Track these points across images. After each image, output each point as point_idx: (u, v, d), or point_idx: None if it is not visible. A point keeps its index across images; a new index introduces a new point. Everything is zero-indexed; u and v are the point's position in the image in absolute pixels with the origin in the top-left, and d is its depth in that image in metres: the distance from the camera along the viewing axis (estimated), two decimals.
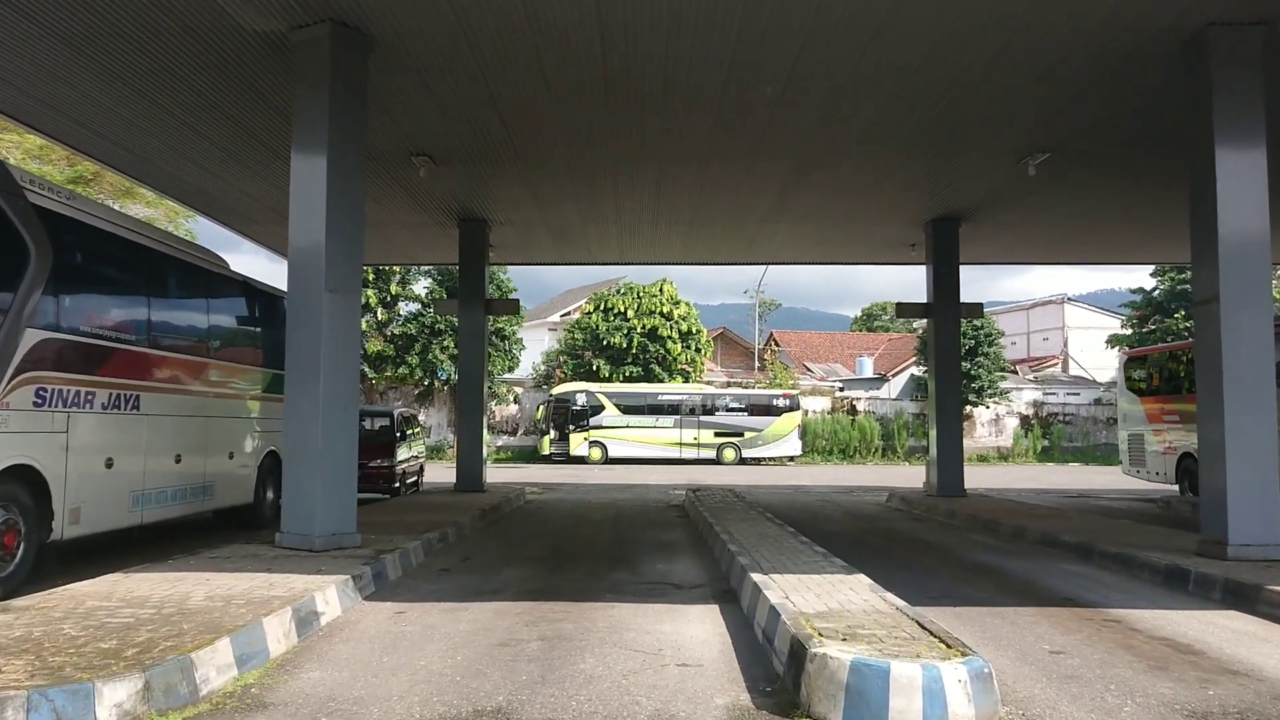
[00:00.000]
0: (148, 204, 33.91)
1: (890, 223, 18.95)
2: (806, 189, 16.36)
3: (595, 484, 25.16)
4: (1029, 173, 14.34)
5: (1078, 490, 24.35)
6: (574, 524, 14.36)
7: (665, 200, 17.04)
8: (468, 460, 18.42)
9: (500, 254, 21.89)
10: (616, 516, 15.60)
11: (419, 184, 15.81)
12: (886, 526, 14.50)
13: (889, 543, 12.43)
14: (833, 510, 17.52)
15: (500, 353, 39.54)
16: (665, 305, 41.30)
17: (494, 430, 41.92)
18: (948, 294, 18.56)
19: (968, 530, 13.83)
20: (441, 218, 18.43)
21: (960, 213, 17.99)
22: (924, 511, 16.56)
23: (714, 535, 11.18)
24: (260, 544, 9.69)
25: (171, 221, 35.48)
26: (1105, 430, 45.75)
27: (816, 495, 21.67)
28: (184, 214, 33.72)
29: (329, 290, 9.53)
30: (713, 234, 20.02)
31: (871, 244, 21.06)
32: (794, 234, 20.11)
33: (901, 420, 43.74)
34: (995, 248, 20.99)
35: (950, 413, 18.40)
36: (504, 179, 15.75)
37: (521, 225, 19.08)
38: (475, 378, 18.82)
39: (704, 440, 37.83)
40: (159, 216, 34.69)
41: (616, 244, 20.88)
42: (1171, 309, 42.43)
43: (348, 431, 9.75)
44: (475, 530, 13.06)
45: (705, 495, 17.08)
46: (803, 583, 7.34)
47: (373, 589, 8.15)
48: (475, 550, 11.06)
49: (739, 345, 54.67)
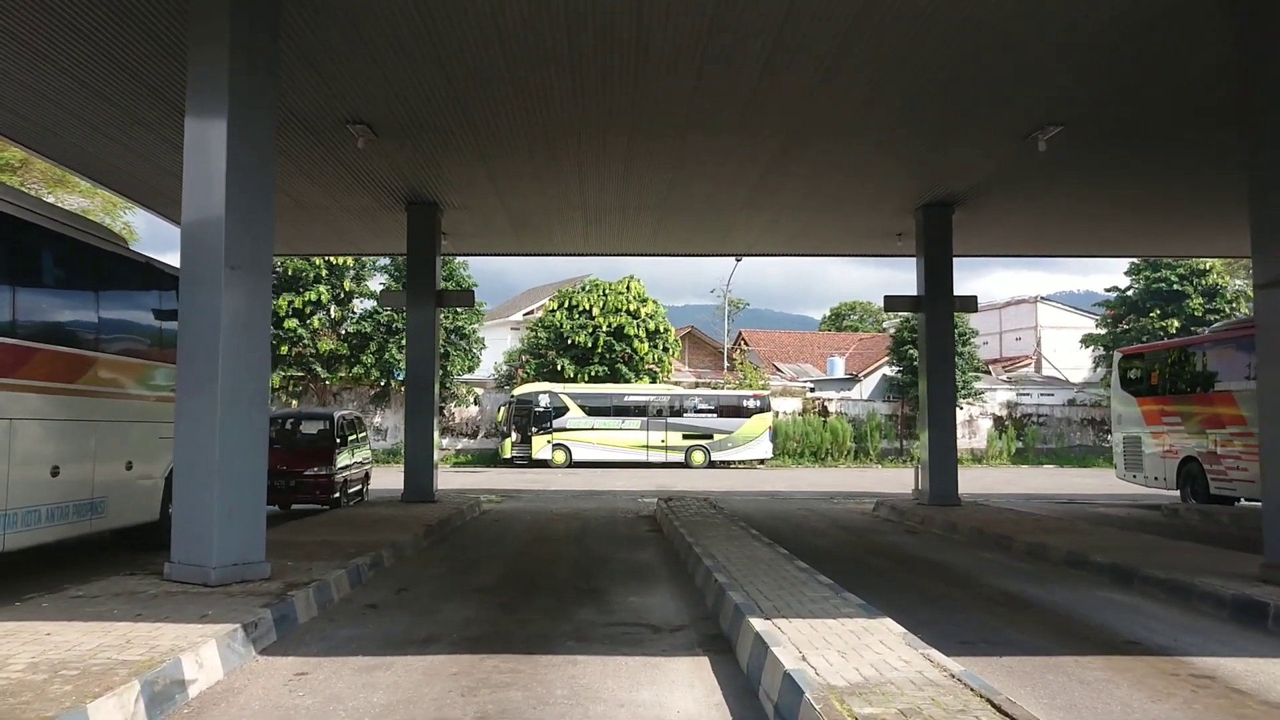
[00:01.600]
0: (82, 193, 31.77)
1: (878, 210, 17.51)
2: (791, 170, 14.88)
3: (559, 491, 23.52)
4: (1039, 148, 12.93)
5: (1066, 495, 23.09)
6: (533, 541, 12.73)
7: (635, 181, 15.46)
8: (417, 467, 16.70)
9: (455, 243, 20.18)
10: (581, 531, 13.98)
11: (359, 159, 14.10)
12: (883, 543, 13.01)
13: (892, 564, 10.92)
14: (818, 521, 16.03)
15: (460, 352, 37.75)
16: (632, 303, 39.70)
17: (453, 433, 40.13)
18: (940, 285, 17.14)
19: (975, 547, 12.37)
20: (388, 201, 16.71)
21: (954, 198, 16.59)
22: (919, 523, 15.11)
23: (694, 557, 9.62)
24: (148, 576, 7.98)
25: (109, 214, 33.42)
26: (1079, 431, 44.89)
27: (796, 503, 20.19)
28: (123, 205, 31.63)
29: (230, 267, 7.83)
30: (686, 223, 18.48)
31: (856, 234, 19.62)
32: (774, 223, 18.62)
33: (874, 422, 42.53)
34: (987, 238, 19.62)
35: (943, 414, 16.98)
36: (455, 154, 14.10)
37: (477, 210, 17.40)
38: (425, 376, 17.10)
39: (672, 443, 36.31)
40: (94, 208, 32.62)
41: (581, 232, 19.27)
42: (1147, 308, 41.63)
43: (254, 438, 8.07)
44: (418, 551, 11.38)
45: (678, 505, 15.52)
46: (817, 631, 5.79)
47: (274, 638, 6.49)
48: (414, 578, 9.39)
49: (707, 345, 53.22)
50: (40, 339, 8.79)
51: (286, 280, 36.27)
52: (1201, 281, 41.18)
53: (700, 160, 14.30)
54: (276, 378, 36.17)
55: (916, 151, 14.17)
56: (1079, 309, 55.17)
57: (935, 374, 17.01)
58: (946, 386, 17.09)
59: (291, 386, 37.30)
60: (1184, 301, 40.67)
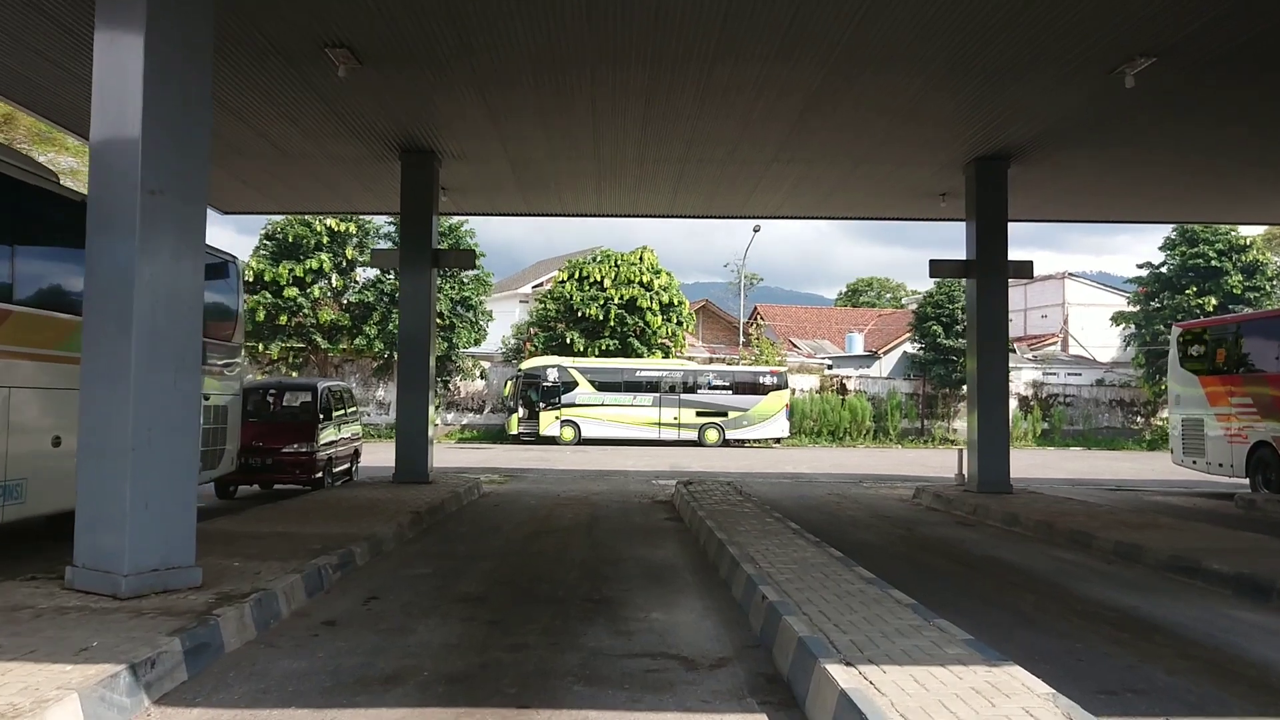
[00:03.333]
0: (70, 152, 30.12)
1: (924, 164, 15.72)
2: (829, 113, 13.11)
3: (567, 470, 21.92)
4: (1125, 84, 11.13)
5: (1112, 480, 21.38)
6: (535, 533, 11.09)
7: (655, 127, 13.72)
8: (409, 445, 15.04)
9: (456, 200, 18.45)
10: (591, 520, 12.36)
11: (344, 97, 12.40)
12: (938, 538, 11.34)
13: (960, 567, 9.25)
14: (854, 510, 14.38)
15: (466, 324, 36.13)
16: (645, 274, 37.95)
17: (458, 408, 38.65)
18: (993, 249, 15.37)
19: (1048, 545, 10.68)
20: (380, 149, 15.00)
21: (1011, 150, 14.79)
22: (970, 513, 13.44)
23: (727, 558, 7.98)
24: (51, 581, 6.37)
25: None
26: (1108, 413, 43.18)
27: (823, 487, 18.54)
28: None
29: (149, 191, 6.15)
30: (709, 179, 16.71)
31: (895, 193, 17.82)
32: (804, 180, 16.84)
33: (894, 400, 40.87)
34: (1037, 200, 17.71)
35: (995, 392, 15.25)
36: (453, 90, 12.38)
37: (478, 160, 15.67)
38: (420, 344, 15.46)
39: (685, 420, 34.72)
40: (80, 167, 31.06)
41: (594, 190, 17.54)
42: (1182, 285, 39.66)
43: (181, 412, 6.40)
44: (401, 544, 9.76)
45: (699, 490, 13.89)
46: (924, 686, 4.14)
47: (183, 677, 4.87)
48: (389, 582, 7.77)
49: (722, 320, 51.46)
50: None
51: (286, 247, 34.67)
52: (1241, 258, 39.19)
53: (729, 99, 12.55)
54: (275, 349, 34.70)
55: (975, 91, 12.37)
56: (1109, 286, 53.15)
57: (987, 347, 15.27)
58: (999, 361, 15.33)
59: (292, 358, 35.75)
60: (1222, 278, 38.69)
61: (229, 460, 12.44)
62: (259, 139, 14.28)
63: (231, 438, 12.45)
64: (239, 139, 14.33)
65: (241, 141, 14.49)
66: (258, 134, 14.21)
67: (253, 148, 14.84)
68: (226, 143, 14.54)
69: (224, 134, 14.04)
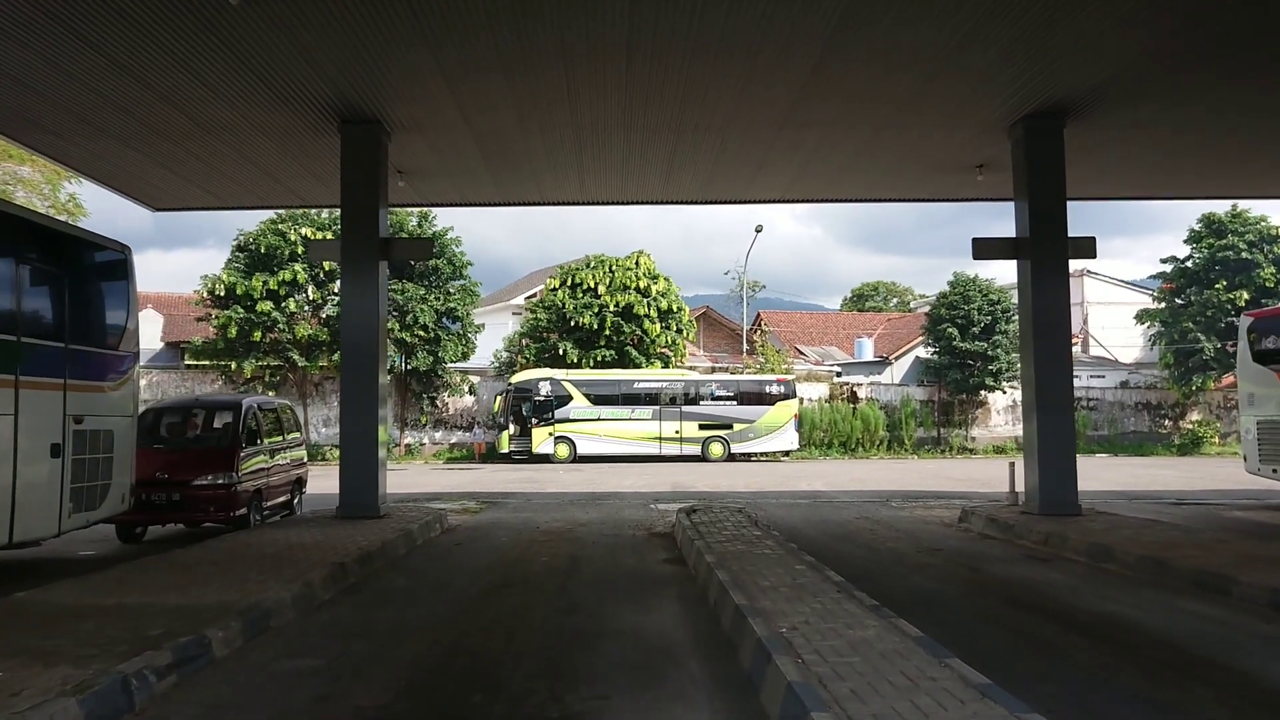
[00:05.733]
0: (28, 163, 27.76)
1: (958, 127, 13.29)
2: (847, 64, 10.76)
3: (555, 494, 19.40)
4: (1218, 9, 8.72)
5: (1169, 494, 18.81)
6: (493, 588, 8.56)
7: (640, 85, 11.32)
8: (355, 474, 12.46)
9: (416, 187, 15.96)
10: (570, 565, 9.83)
11: (251, 41, 9.97)
12: (1015, 582, 8.83)
13: (1077, 638, 6.64)
14: (894, 540, 11.87)
15: (452, 337, 33.70)
16: (642, 280, 35.42)
17: (446, 426, 36.22)
18: (1049, 223, 12.91)
19: (1162, 589, 8.15)
20: (315, 117, 12.55)
21: (1066, 105, 12.35)
22: (1040, 543, 10.91)
23: (752, 642, 5.49)
24: None
25: (50, 184, 29.60)
26: (1134, 416, 40.75)
27: (848, 509, 16.02)
28: (66, 175, 27.70)
29: None
30: (708, 153, 14.26)
31: (923, 167, 15.36)
32: (819, 152, 14.42)
33: (909, 408, 38.43)
34: (1092, 170, 15.15)
35: (1057, 394, 12.74)
36: (393, 39, 9.96)
37: (434, 130, 13.20)
38: (366, 352, 12.89)
39: (687, 434, 32.27)
40: (31, 174, 28.82)
41: (576, 170, 15.08)
42: (1211, 279, 37.22)
43: None
44: (303, 614, 7.21)
45: (705, 521, 11.38)
46: None
47: None
48: (246, 690, 5.24)
49: (724, 327, 48.99)
50: None
51: (259, 259, 32.29)
52: (1273, 249, 36.81)
53: (726, 51, 10.16)
54: (249, 366, 32.27)
55: (1024, 29, 9.93)
56: (1130, 283, 50.70)
57: (1045, 341, 12.76)
58: (1059, 358, 12.80)
59: (268, 376, 33.32)
60: (1254, 271, 36.28)
61: (118, 497, 9.94)
62: (166, 106, 11.87)
63: (121, 469, 9.94)
64: (145, 109, 11.94)
65: (149, 113, 12.10)
66: (168, 104, 11.82)
67: (165, 122, 12.44)
68: (134, 115, 12.16)
69: (123, 101, 11.66)
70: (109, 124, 12.43)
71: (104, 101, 11.63)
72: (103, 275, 10.18)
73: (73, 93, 11.33)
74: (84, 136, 13.00)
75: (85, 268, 9.82)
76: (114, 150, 13.55)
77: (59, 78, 10.84)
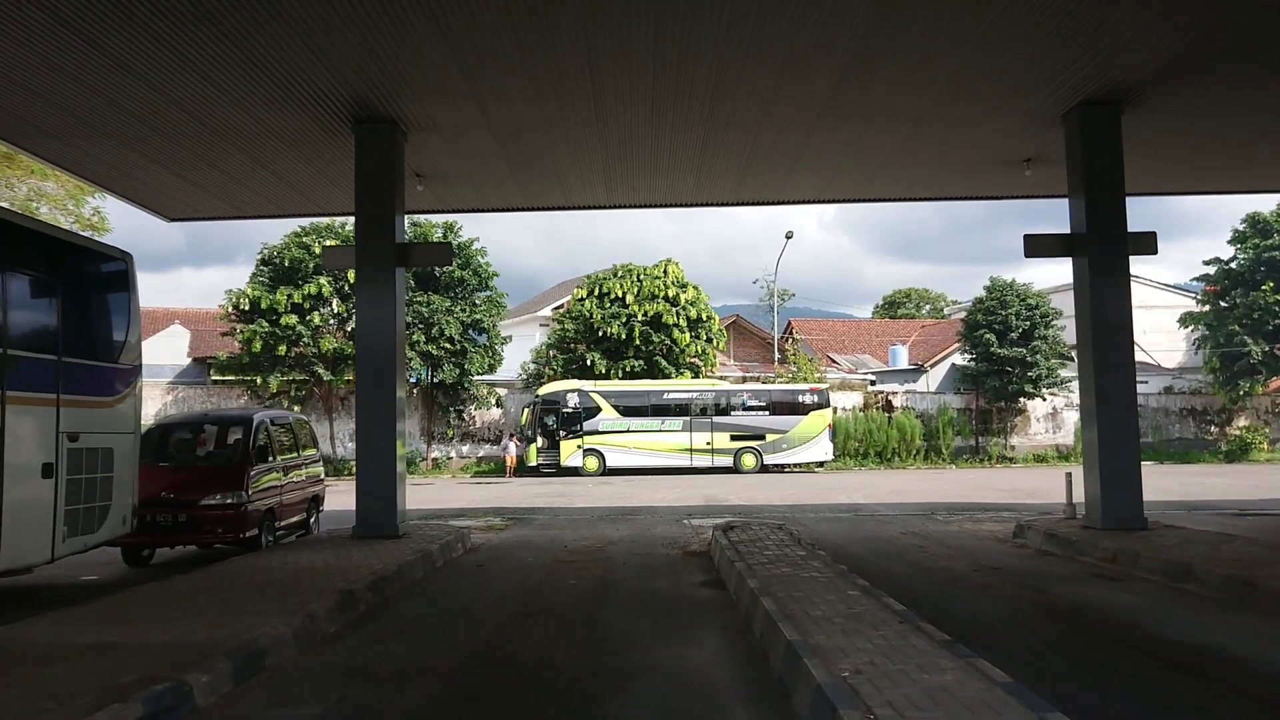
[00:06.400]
0: (37, 174, 27.60)
1: (1006, 116, 12.50)
2: (892, 47, 10.05)
3: (584, 509, 18.71)
4: None
5: (1228, 504, 17.78)
6: (515, 617, 7.84)
7: (669, 73, 10.63)
8: (372, 491, 11.81)
9: (436, 192, 15.36)
10: (600, 589, 9.12)
11: (262, 31, 9.38)
12: (1087, 606, 8.01)
13: (1175, 675, 5.83)
14: (947, 558, 11.05)
15: (479, 349, 33.16)
16: (670, 288, 34.71)
17: (473, 439, 35.64)
18: (1107, 217, 12.08)
19: (1256, 614, 7.32)
20: (329, 119, 11.97)
21: (1126, 90, 11.53)
22: (1108, 560, 10.05)
23: (810, 688, 4.75)
24: None
25: (74, 199, 29.40)
26: (1178, 423, 39.46)
27: (892, 523, 15.19)
28: (89, 190, 27.50)
29: None
30: (741, 150, 13.55)
31: (967, 162, 14.57)
32: (855, 148, 13.69)
33: (946, 417, 37.37)
34: (1158, 160, 14.15)
35: (1120, 401, 11.87)
36: (409, 27, 9.35)
37: (453, 130, 12.60)
38: (383, 365, 12.23)
39: (719, 445, 31.52)
40: (55, 190, 28.64)
41: (602, 170, 14.43)
42: (1257, 280, 35.93)
43: None
44: (304, 650, 6.52)
45: (744, 539, 10.63)
46: None
47: None
48: None
49: (754, 336, 48.14)
50: None
51: (283, 272, 31.97)
52: None
53: (764, 30, 9.45)
54: (275, 381, 31.89)
55: (1079, 10, 9.18)
56: (1170, 286, 49.33)
57: (1106, 344, 11.90)
58: (1122, 359, 11.93)
59: (294, 391, 32.91)
60: None
61: (120, 519, 9.34)
62: (172, 108, 11.34)
63: (123, 489, 9.35)
64: (150, 110, 11.41)
65: (154, 115, 11.58)
66: (174, 105, 11.29)
67: (172, 124, 11.91)
68: (139, 118, 11.65)
69: (127, 103, 11.15)
70: (111, 126, 11.91)
71: (106, 103, 11.11)
72: (101, 285, 9.62)
73: (73, 94, 10.81)
74: (87, 140, 12.47)
75: (81, 277, 9.26)
76: (118, 154, 13.02)
77: (58, 78, 10.33)
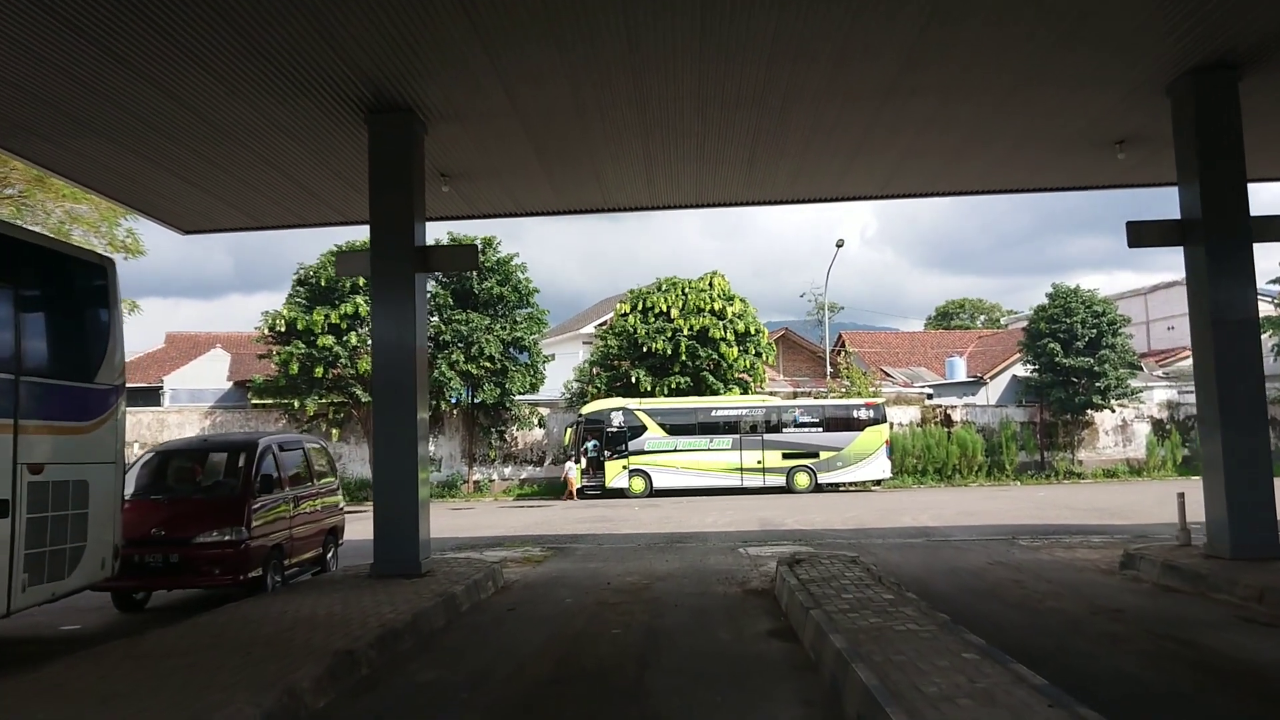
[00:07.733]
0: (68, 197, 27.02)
1: (1103, 87, 10.95)
2: (971, 12, 8.63)
3: (630, 535, 17.32)
4: None
5: None
6: (543, 685, 6.44)
7: (717, 32, 9.30)
8: (391, 524, 10.47)
9: (464, 195, 14.12)
10: (646, 644, 7.71)
11: (264, 13, 8.22)
12: (1260, 665, 6.47)
13: None
14: (1052, 597, 9.49)
15: (520, 368, 32.03)
16: (716, 301, 33.27)
17: (516, 460, 34.47)
18: (1226, 200, 10.48)
19: None
20: (342, 110, 10.81)
21: (1243, 54, 10.00)
22: (1253, 599, 8.44)
23: None
24: None
25: (107, 221, 28.71)
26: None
27: (970, 550, 13.61)
28: (122, 212, 26.82)
29: None
30: (798, 134, 12.17)
31: (1051, 144, 12.99)
32: (927, 131, 12.23)
33: (1008, 431, 35.45)
34: (1269, 133, 12.51)
35: (1247, 409, 10.23)
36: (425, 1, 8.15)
37: (478, 119, 11.33)
38: (401, 379, 10.90)
39: (770, 464, 30.00)
40: (89, 212, 28.01)
41: (643, 163, 13.11)
42: None
43: None
44: None
45: (813, 576, 9.17)
46: None
47: None
48: None
49: (804, 349, 46.52)
50: None
51: (319, 292, 31.11)
52: None
53: None
54: (312, 404, 30.98)
55: None
56: None
57: (1228, 344, 10.25)
58: (1248, 364, 10.27)
59: (332, 413, 31.97)
60: None
61: (97, 562, 8.11)
62: (173, 104, 10.24)
63: (101, 528, 8.12)
64: (148, 107, 10.33)
65: (154, 113, 10.50)
66: (176, 102, 10.21)
67: (174, 123, 10.83)
68: (139, 117, 10.58)
69: (126, 102, 10.08)
70: (106, 124, 10.82)
71: (98, 98, 10.02)
72: (75, 294, 8.41)
73: (61, 88, 9.74)
74: (83, 141, 11.40)
75: (50, 284, 8.06)
76: (118, 157, 11.93)
77: (48, 72, 9.28)
